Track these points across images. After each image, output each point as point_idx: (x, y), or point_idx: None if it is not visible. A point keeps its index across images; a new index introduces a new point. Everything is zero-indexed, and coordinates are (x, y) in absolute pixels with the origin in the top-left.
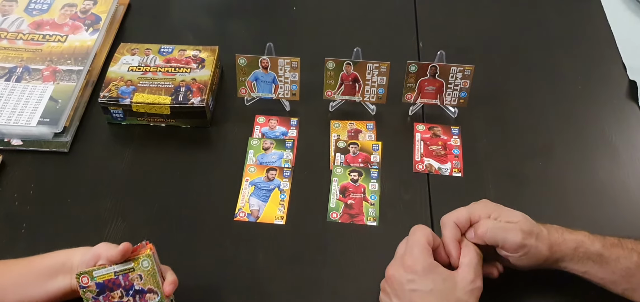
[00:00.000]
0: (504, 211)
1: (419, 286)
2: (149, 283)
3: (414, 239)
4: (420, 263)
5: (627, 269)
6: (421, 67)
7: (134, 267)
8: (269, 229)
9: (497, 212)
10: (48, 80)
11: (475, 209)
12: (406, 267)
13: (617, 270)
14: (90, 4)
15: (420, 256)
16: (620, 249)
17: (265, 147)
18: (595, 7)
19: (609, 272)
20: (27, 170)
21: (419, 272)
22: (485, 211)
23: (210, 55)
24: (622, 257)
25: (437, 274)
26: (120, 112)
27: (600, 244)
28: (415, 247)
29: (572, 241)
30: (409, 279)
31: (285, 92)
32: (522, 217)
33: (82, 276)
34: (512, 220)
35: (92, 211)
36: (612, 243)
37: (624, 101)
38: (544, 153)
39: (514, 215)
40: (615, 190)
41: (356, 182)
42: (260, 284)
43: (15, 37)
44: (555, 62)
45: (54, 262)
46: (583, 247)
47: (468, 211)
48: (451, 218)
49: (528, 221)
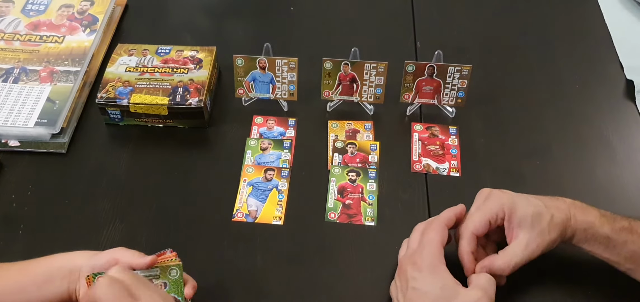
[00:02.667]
0: (518, 204)
1: (419, 284)
2: (173, 291)
3: (428, 238)
4: (427, 263)
5: (633, 252)
6: (419, 67)
7: (160, 275)
8: (267, 229)
9: (510, 205)
10: (45, 81)
11: (491, 210)
12: (414, 264)
13: (622, 253)
14: (88, 5)
15: (429, 257)
16: (629, 233)
17: (263, 148)
18: (592, 7)
19: (615, 254)
20: (24, 171)
21: (423, 270)
22: (500, 208)
23: (207, 55)
24: (629, 242)
25: (439, 278)
26: (117, 113)
27: (609, 227)
28: (427, 247)
29: (582, 222)
30: (413, 276)
31: (283, 93)
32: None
33: (99, 277)
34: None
35: (90, 212)
36: (622, 227)
37: (621, 100)
38: (541, 152)
39: (526, 210)
40: (612, 189)
41: (354, 182)
42: (258, 285)
43: (12, 38)
44: (553, 62)
45: (51, 266)
46: (592, 229)
47: (485, 215)
48: (469, 229)
49: (540, 217)
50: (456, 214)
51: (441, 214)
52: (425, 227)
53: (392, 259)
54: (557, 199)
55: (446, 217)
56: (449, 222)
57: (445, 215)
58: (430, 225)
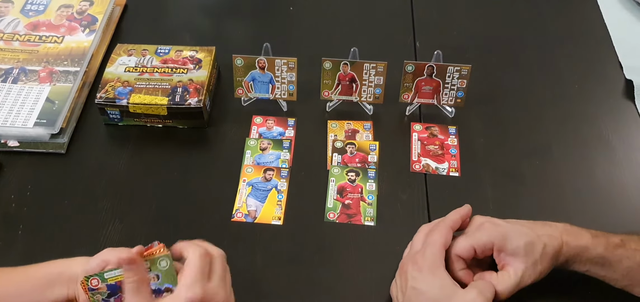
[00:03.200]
0: (508, 238)
1: (418, 284)
2: (167, 281)
3: (431, 239)
4: (428, 264)
5: (629, 268)
6: (418, 66)
7: (151, 268)
8: (266, 229)
9: (499, 240)
10: (44, 81)
11: (479, 240)
12: (415, 264)
13: (619, 270)
14: (87, 5)
15: (430, 258)
16: (623, 250)
17: (263, 148)
18: (591, 7)
19: (611, 272)
20: (24, 171)
21: (423, 270)
22: (487, 237)
23: (207, 55)
24: (624, 258)
25: (438, 279)
26: (117, 113)
27: (602, 247)
28: (429, 248)
29: (574, 246)
30: (413, 276)
31: (282, 93)
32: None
33: (92, 278)
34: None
35: (90, 213)
36: (616, 245)
37: (621, 100)
38: (541, 152)
39: (517, 241)
40: (612, 189)
41: (353, 182)
42: (257, 285)
43: (11, 38)
44: (552, 62)
45: (51, 272)
46: (586, 253)
47: (471, 244)
48: (453, 251)
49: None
50: (462, 216)
51: (447, 217)
52: (430, 228)
53: (391, 259)
54: (549, 225)
55: (451, 220)
56: (455, 224)
57: (451, 217)
58: (435, 227)
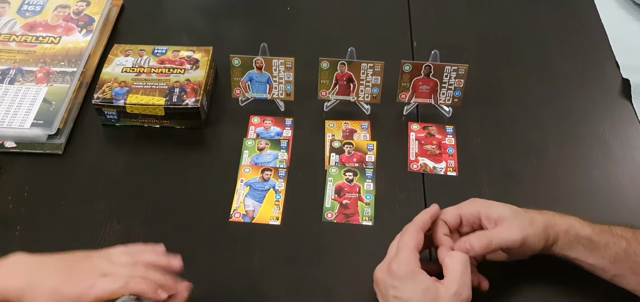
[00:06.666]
0: (493, 206)
1: (400, 293)
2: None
3: (402, 242)
4: (404, 269)
5: (616, 255)
6: (415, 66)
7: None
8: (264, 229)
9: (486, 208)
10: (41, 82)
11: (465, 208)
12: (391, 272)
13: (606, 256)
14: (84, 5)
15: (405, 262)
16: (609, 235)
17: (260, 148)
18: (588, 6)
19: (599, 258)
20: (21, 172)
21: (402, 278)
22: (474, 207)
23: (204, 56)
24: (611, 243)
25: (419, 283)
26: (114, 113)
27: (590, 229)
28: (402, 252)
29: (563, 224)
30: (392, 284)
31: (279, 93)
32: (511, 211)
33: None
34: (502, 214)
35: (87, 213)
36: (602, 229)
37: (618, 99)
38: (538, 151)
39: (503, 209)
40: (609, 187)
41: (351, 182)
42: (255, 285)
43: (8, 38)
44: (549, 61)
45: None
46: (574, 230)
47: (458, 210)
48: (441, 217)
49: (518, 213)
50: (431, 216)
51: (416, 218)
52: (400, 233)
53: None
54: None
55: (421, 220)
56: (424, 224)
57: (420, 218)
58: (405, 230)
